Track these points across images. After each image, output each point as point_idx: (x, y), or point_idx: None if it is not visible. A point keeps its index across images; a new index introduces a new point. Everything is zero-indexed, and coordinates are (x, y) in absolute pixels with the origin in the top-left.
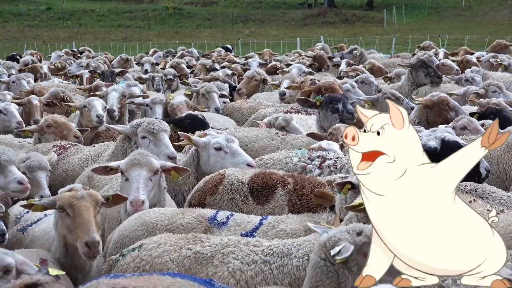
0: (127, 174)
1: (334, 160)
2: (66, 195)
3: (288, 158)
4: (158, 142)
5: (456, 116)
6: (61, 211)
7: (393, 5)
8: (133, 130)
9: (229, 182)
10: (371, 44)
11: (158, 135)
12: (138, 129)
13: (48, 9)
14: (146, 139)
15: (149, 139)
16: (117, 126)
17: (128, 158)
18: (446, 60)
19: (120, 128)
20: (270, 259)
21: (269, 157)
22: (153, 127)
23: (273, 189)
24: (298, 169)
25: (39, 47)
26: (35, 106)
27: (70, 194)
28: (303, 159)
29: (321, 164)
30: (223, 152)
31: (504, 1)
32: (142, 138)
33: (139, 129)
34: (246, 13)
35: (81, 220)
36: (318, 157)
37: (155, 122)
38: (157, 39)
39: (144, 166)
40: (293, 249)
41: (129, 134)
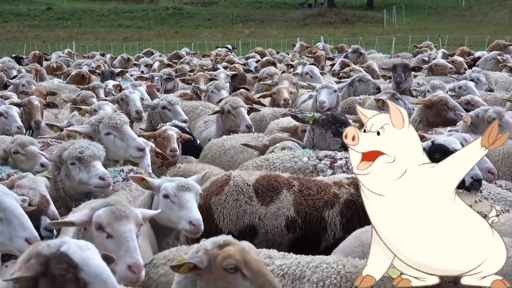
0: (111, 231)
1: (345, 160)
2: None
3: (296, 157)
4: (124, 136)
5: (456, 116)
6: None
7: (393, 5)
8: (94, 128)
9: (234, 183)
10: (371, 44)
11: (122, 128)
12: (100, 126)
13: (48, 9)
14: (110, 135)
15: (113, 134)
16: (76, 126)
17: (105, 210)
18: (438, 60)
19: (80, 129)
20: (280, 281)
21: (275, 156)
22: (116, 122)
23: (279, 190)
24: (310, 167)
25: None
26: (36, 107)
27: None
28: (312, 158)
29: (332, 164)
30: (170, 201)
31: (504, 1)
32: (106, 135)
33: (100, 126)
34: (246, 13)
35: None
36: (326, 156)
37: (116, 116)
38: (157, 39)
39: (131, 220)
40: (307, 272)
41: (89, 133)
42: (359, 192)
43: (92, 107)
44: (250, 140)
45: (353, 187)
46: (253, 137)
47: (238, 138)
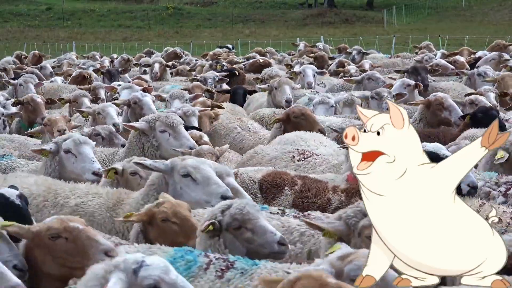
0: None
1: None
2: None
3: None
4: (178, 135)
5: (450, 115)
6: None
7: (393, 5)
8: (150, 125)
9: (241, 180)
10: (371, 44)
11: (177, 128)
12: (157, 124)
13: (48, 9)
14: (165, 133)
15: (168, 132)
16: (133, 123)
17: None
18: (440, 60)
19: (137, 125)
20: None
21: None
22: (172, 121)
23: (281, 188)
24: (481, 194)
25: (39, 47)
26: (40, 104)
27: None
28: (489, 183)
29: (506, 192)
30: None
31: (504, 1)
32: (161, 132)
33: (157, 123)
34: (246, 13)
35: None
36: (506, 183)
37: (173, 115)
38: (157, 39)
39: None
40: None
41: (145, 130)
42: (350, 202)
43: (96, 110)
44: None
45: (345, 195)
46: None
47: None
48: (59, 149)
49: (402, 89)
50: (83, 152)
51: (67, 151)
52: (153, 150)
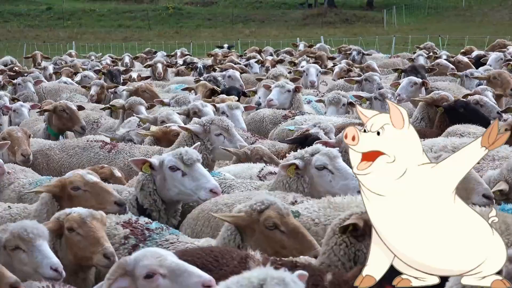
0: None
1: None
2: None
3: None
4: (233, 138)
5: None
6: None
7: (393, 5)
8: (205, 129)
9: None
10: (371, 44)
11: (231, 131)
12: (212, 127)
13: (48, 9)
14: (221, 136)
15: (223, 135)
16: (188, 125)
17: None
18: (441, 60)
19: (192, 128)
20: None
21: None
22: (227, 124)
23: None
24: None
25: (39, 47)
26: (75, 112)
27: None
28: None
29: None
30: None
31: (504, 1)
32: (216, 136)
33: (212, 127)
34: (246, 13)
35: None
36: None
37: (224, 119)
38: (157, 39)
39: None
40: None
41: (198, 133)
42: None
43: (159, 118)
44: None
45: None
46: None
47: None
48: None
49: (409, 87)
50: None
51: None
52: (207, 154)
